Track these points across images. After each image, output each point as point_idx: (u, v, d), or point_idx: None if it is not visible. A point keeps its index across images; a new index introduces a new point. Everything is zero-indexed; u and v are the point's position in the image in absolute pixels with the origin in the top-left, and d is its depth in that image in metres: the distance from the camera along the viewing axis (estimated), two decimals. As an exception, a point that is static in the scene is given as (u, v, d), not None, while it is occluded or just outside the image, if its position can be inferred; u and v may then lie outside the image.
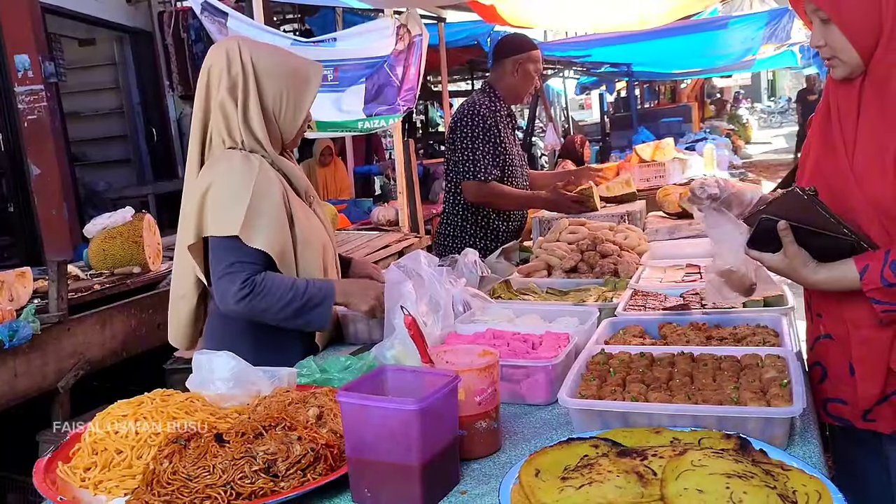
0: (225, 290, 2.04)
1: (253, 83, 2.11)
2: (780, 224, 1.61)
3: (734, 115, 21.69)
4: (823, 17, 1.63)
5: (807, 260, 1.63)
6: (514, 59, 3.59)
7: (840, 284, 1.62)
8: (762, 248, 1.69)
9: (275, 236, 2.07)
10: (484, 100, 3.60)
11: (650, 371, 1.66)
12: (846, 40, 1.61)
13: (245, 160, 2.09)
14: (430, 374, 1.45)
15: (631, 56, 9.84)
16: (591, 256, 2.70)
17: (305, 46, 5.49)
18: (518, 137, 3.91)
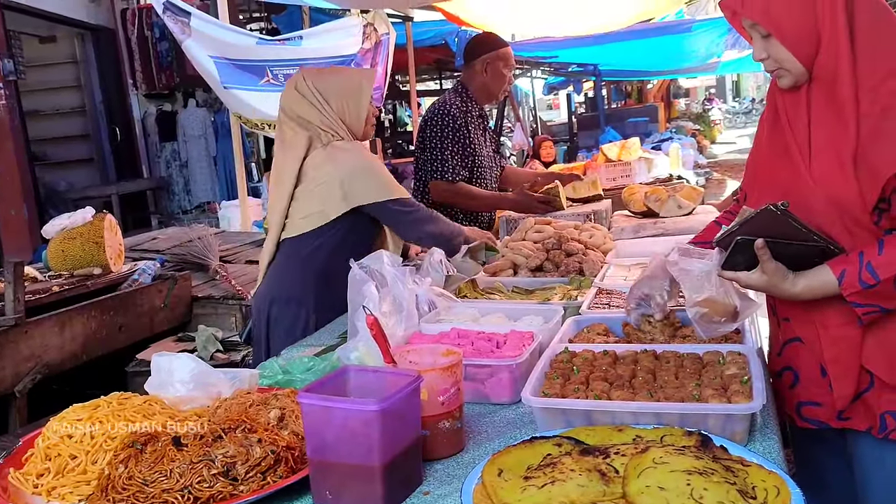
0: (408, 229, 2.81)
1: (321, 101, 2.73)
2: (757, 243, 1.60)
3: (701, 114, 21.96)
4: (763, 32, 1.65)
5: (786, 273, 1.63)
6: (483, 59, 3.58)
7: (820, 292, 1.62)
8: (737, 268, 1.68)
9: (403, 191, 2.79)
10: (455, 100, 3.59)
11: (613, 369, 1.67)
12: (788, 52, 1.63)
13: (353, 146, 2.75)
14: (392, 375, 1.44)
15: (598, 57, 9.91)
16: (557, 255, 2.71)
17: (271, 45, 5.45)
18: (493, 139, 3.88)
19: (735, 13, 1.71)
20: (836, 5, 1.57)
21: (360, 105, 2.76)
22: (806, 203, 1.66)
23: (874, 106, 1.56)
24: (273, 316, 2.75)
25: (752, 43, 1.72)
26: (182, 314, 4.22)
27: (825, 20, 1.58)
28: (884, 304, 1.57)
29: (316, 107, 2.72)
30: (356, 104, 2.75)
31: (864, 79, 1.58)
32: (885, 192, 1.58)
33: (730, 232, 1.65)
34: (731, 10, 1.71)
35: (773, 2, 1.61)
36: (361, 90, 2.77)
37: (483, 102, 3.68)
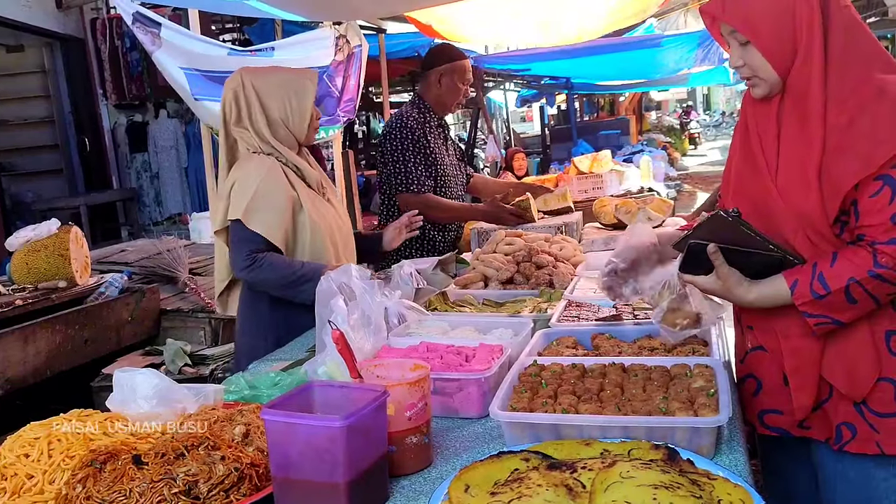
0: (234, 261, 2.57)
1: (257, 103, 2.60)
2: (709, 247, 1.63)
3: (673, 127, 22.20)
4: (742, 39, 1.67)
5: (740, 279, 1.66)
6: (438, 70, 3.57)
7: (773, 300, 1.65)
8: (694, 272, 1.71)
9: (273, 223, 2.52)
10: (412, 111, 3.58)
11: (581, 382, 1.67)
12: (765, 60, 1.65)
13: (258, 162, 2.58)
14: (358, 390, 1.43)
15: (570, 70, 9.99)
16: (527, 268, 2.71)
17: (242, 56, 5.40)
18: (456, 148, 3.88)
19: (715, 18, 1.72)
20: (813, 19, 1.60)
21: (304, 107, 2.62)
22: (772, 213, 1.68)
23: (841, 118, 1.59)
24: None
25: (730, 50, 1.74)
26: (150, 327, 4.16)
27: (802, 32, 1.61)
28: (835, 315, 1.59)
29: (252, 108, 2.60)
30: (299, 105, 2.62)
31: (833, 92, 1.60)
32: (846, 204, 1.60)
33: (685, 236, 1.68)
34: (711, 15, 1.73)
35: (753, 10, 1.63)
36: (305, 91, 2.63)
37: (440, 113, 3.67)
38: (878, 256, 1.54)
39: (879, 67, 1.62)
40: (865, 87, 1.59)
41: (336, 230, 2.73)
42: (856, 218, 1.59)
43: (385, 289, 2.23)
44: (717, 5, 1.69)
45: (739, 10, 1.65)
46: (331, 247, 2.67)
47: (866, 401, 1.66)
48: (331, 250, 2.66)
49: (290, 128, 2.63)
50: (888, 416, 1.65)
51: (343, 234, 2.78)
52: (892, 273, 1.54)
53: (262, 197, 2.51)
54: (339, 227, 2.76)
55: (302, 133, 2.66)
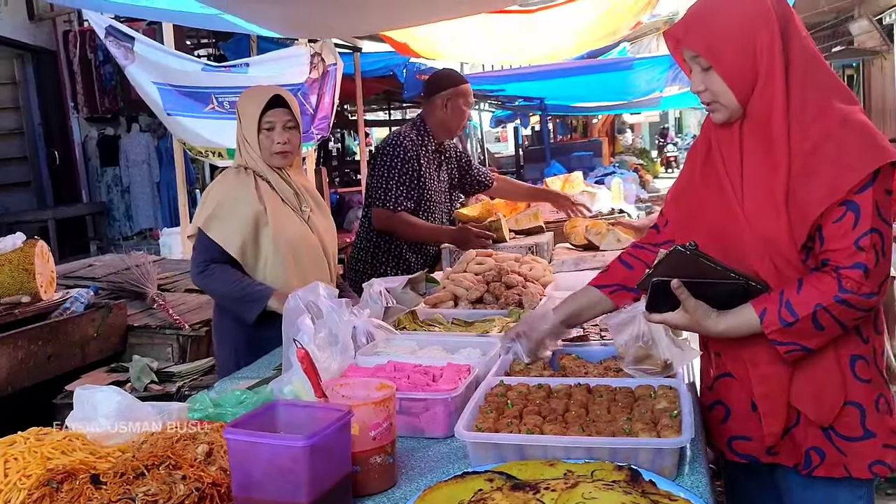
0: (191, 266, 2.67)
1: (238, 120, 2.69)
2: (673, 283, 1.63)
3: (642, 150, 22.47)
4: (704, 64, 1.69)
5: (707, 311, 1.66)
6: (444, 95, 3.61)
7: (743, 330, 1.65)
8: (661, 309, 1.70)
9: (231, 233, 2.57)
10: (411, 133, 3.61)
11: (547, 403, 1.68)
12: (726, 86, 1.67)
13: (228, 175, 2.69)
14: (322, 409, 1.42)
15: (544, 91, 10.10)
16: (497, 287, 2.73)
17: (216, 72, 5.40)
18: (452, 175, 3.88)
19: (678, 43, 1.75)
20: (773, 46, 1.62)
21: (247, 128, 2.64)
22: (736, 238, 1.69)
23: (805, 144, 1.61)
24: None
25: (692, 75, 1.75)
26: (116, 344, 4.09)
27: (763, 59, 1.63)
28: (804, 342, 1.61)
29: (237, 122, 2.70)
30: (245, 127, 2.65)
31: (796, 117, 1.63)
32: (812, 230, 1.62)
33: (647, 274, 1.68)
34: (675, 39, 1.75)
35: (715, 36, 1.66)
36: (245, 113, 2.65)
37: (441, 138, 3.70)
38: (842, 281, 1.56)
39: (838, 98, 1.65)
40: (828, 114, 1.61)
41: (304, 248, 2.71)
42: (820, 243, 1.61)
43: (354, 307, 2.22)
44: (680, 30, 1.72)
45: (702, 35, 1.68)
46: (293, 265, 2.65)
47: (833, 425, 1.68)
48: (292, 268, 2.65)
49: (250, 144, 2.65)
50: (855, 439, 1.68)
51: (312, 252, 2.75)
52: (857, 298, 1.56)
53: (223, 207, 2.59)
54: (309, 245, 2.74)
55: (257, 152, 2.66)
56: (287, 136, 2.66)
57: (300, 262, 2.68)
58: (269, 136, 2.64)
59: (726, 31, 1.65)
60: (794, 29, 1.66)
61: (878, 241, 1.57)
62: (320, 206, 2.86)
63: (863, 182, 1.56)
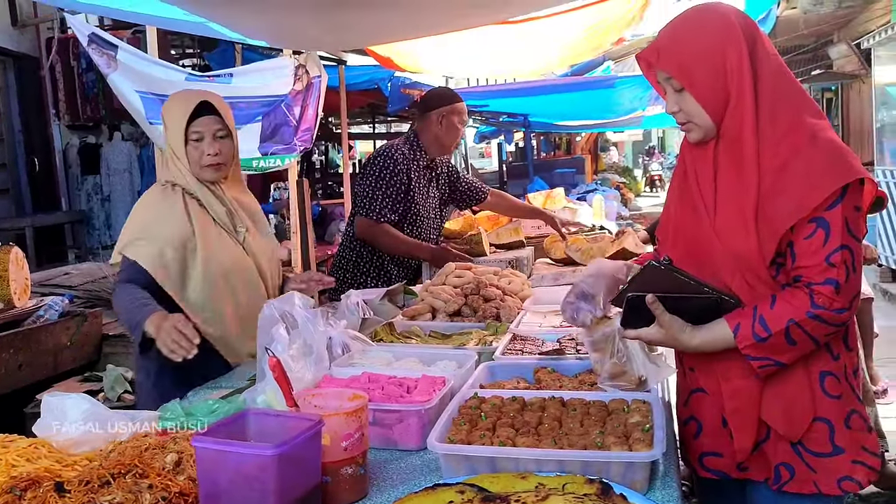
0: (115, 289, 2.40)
1: (165, 131, 2.46)
2: (648, 298, 1.65)
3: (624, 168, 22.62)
4: (677, 86, 1.72)
5: (682, 326, 1.67)
6: (439, 112, 3.63)
7: (717, 345, 1.66)
8: (636, 324, 1.71)
9: (155, 257, 2.32)
10: (403, 147, 3.62)
11: (521, 415, 1.67)
12: (699, 106, 1.70)
13: (152, 194, 2.46)
14: (294, 419, 1.41)
15: (527, 108, 10.15)
16: (475, 300, 2.73)
17: (200, 81, 5.37)
18: (443, 191, 3.89)
19: (651, 65, 1.77)
20: (742, 67, 1.65)
21: (173, 135, 2.39)
22: (710, 255, 1.71)
23: (774, 161, 1.63)
24: None
25: (665, 97, 1.78)
26: (90, 353, 4.05)
27: (733, 80, 1.65)
28: (777, 357, 1.62)
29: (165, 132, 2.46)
30: (172, 135, 2.40)
31: (766, 136, 1.65)
32: (782, 246, 1.64)
33: (622, 290, 1.69)
34: (647, 62, 1.78)
35: (687, 58, 1.68)
36: (172, 118, 2.40)
37: (434, 154, 3.71)
38: (814, 297, 1.58)
39: (807, 113, 1.68)
40: (797, 131, 1.64)
41: (238, 273, 2.47)
42: (792, 259, 1.63)
43: (331, 318, 2.21)
44: (653, 53, 1.75)
45: (674, 57, 1.70)
46: (225, 292, 2.43)
47: (803, 441, 1.69)
48: (224, 296, 2.43)
49: (178, 156, 2.42)
50: (824, 455, 1.69)
51: (247, 277, 2.50)
52: (829, 313, 1.58)
53: (146, 230, 2.36)
54: (243, 270, 2.49)
55: (185, 166, 2.42)
56: (218, 146, 2.40)
57: (233, 289, 2.45)
58: (198, 147, 2.39)
59: (696, 53, 1.68)
60: (761, 47, 1.69)
61: (848, 258, 1.59)
62: (259, 225, 2.60)
63: (831, 199, 1.59)
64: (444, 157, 3.86)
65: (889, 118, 9.36)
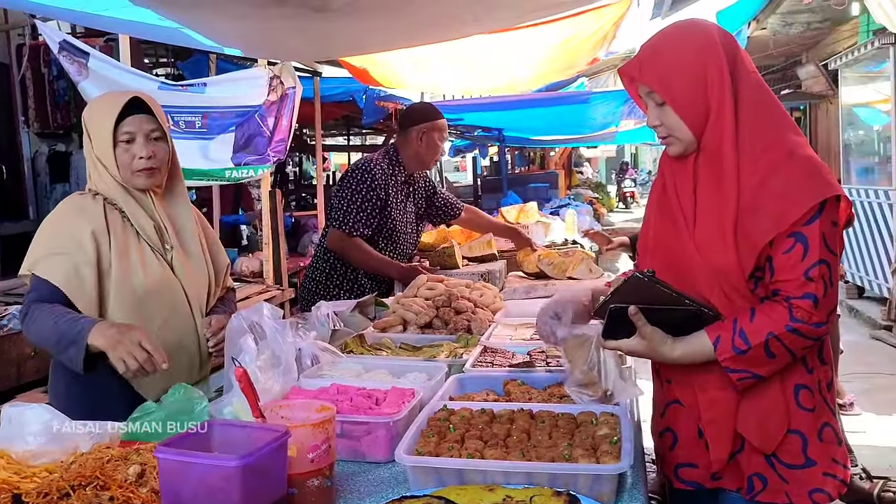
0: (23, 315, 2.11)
1: (87, 136, 2.19)
2: (630, 309, 1.65)
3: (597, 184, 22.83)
4: (658, 99, 1.74)
5: (664, 338, 1.68)
6: (420, 128, 3.63)
7: (697, 357, 1.67)
8: (617, 335, 1.72)
9: (68, 272, 2.06)
10: (382, 162, 3.61)
11: (489, 428, 1.67)
12: (680, 120, 1.72)
13: (69, 205, 2.20)
14: (260, 430, 1.40)
15: (502, 122, 10.21)
16: (446, 313, 2.73)
17: (174, 91, 5.35)
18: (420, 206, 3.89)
19: (633, 80, 1.79)
20: (723, 81, 1.68)
21: (103, 137, 2.11)
22: (689, 268, 1.72)
23: (754, 177, 1.66)
24: None
25: (647, 111, 1.80)
26: (56, 364, 3.97)
27: (714, 94, 1.68)
28: (755, 369, 1.64)
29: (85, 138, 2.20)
30: (100, 137, 2.11)
31: (745, 151, 1.67)
32: (761, 260, 1.66)
33: (604, 301, 1.70)
34: (629, 76, 1.80)
35: (668, 72, 1.71)
36: (102, 117, 2.12)
37: (413, 170, 3.71)
38: (793, 311, 1.60)
39: (787, 129, 1.71)
40: (776, 147, 1.67)
41: (160, 295, 2.17)
42: (771, 274, 1.65)
43: (301, 329, 2.20)
44: (635, 67, 1.77)
45: (655, 72, 1.73)
46: (142, 313, 2.13)
47: (776, 453, 1.70)
48: (141, 317, 2.12)
49: (104, 164, 2.15)
50: (796, 467, 1.70)
51: (170, 300, 2.19)
52: (807, 327, 1.60)
53: (58, 242, 2.10)
54: (166, 291, 2.19)
55: (113, 172, 2.14)
56: (152, 148, 2.13)
57: (152, 314, 2.15)
58: (129, 149, 2.12)
59: (678, 68, 1.70)
60: (741, 64, 1.71)
61: (826, 272, 1.61)
62: (190, 243, 2.29)
63: (809, 214, 1.61)
64: (421, 173, 3.87)
65: (855, 138, 9.56)
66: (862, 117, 9.43)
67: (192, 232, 2.30)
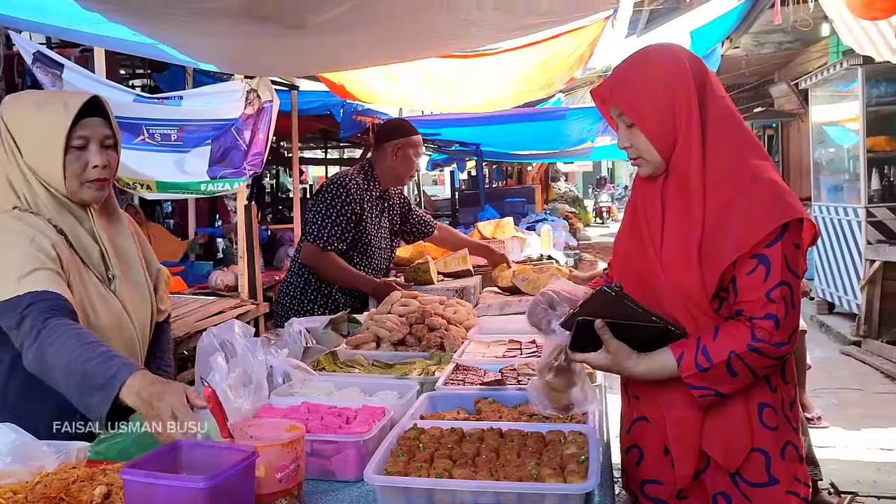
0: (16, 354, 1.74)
1: (11, 143, 1.87)
2: (596, 323, 1.68)
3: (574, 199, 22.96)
4: (628, 122, 1.78)
5: (629, 353, 1.71)
6: (395, 144, 3.65)
7: (661, 373, 1.70)
8: (584, 348, 1.75)
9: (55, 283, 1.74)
10: (357, 176, 3.62)
11: (459, 447, 1.68)
12: (648, 142, 1.76)
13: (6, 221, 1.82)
14: (228, 450, 1.39)
15: (480, 137, 10.27)
16: (419, 329, 2.73)
17: (149, 103, 5.32)
18: (395, 222, 3.90)
19: (604, 101, 1.84)
20: (691, 106, 1.72)
21: (52, 147, 1.83)
22: (656, 288, 1.76)
23: (719, 200, 1.69)
24: None
25: (618, 131, 1.84)
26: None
27: (682, 118, 1.72)
28: (718, 387, 1.67)
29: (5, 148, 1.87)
30: (48, 145, 1.83)
31: (712, 175, 1.71)
32: (725, 281, 1.69)
33: (572, 314, 1.72)
34: (601, 97, 1.84)
35: (638, 95, 1.74)
36: (56, 123, 1.83)
37: (388, 185, 3.73)
38: (755, 331, 1.63)
39: (753, 154, 1.75)
40: (741, 171, 1.70)
41: (112, 332, 1.92)
42: (734, 294, 1.68)
43: (272, 346, 2.20)
44: (607, 89, 1.81)
45: (626, 94, 1.77)
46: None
47: (740, 471, 1.73)
48: None
49: (41, 177, 1.86)
50: (760, 485, 1.73)
51: (118, 341, 1.92)
52: (768, 347, 1.63)
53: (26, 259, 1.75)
54: (118, 327, 1.95)
55: (58, 184, 1.86)
56: (106, 157, 1.90)
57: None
58: (81, 157, 1.86)
59: (647, 91, 1.74)
60: (710, 89, 1.76)
61: (787, 293, 1.65)
62: (133, 268, 2.04)
63: (772, 236, 1.65)
64: (397, 188, 3.88)
65: (825, 156, 9.72)
66: (832, 136, 9.60)
67: (134, 254, 2.06)
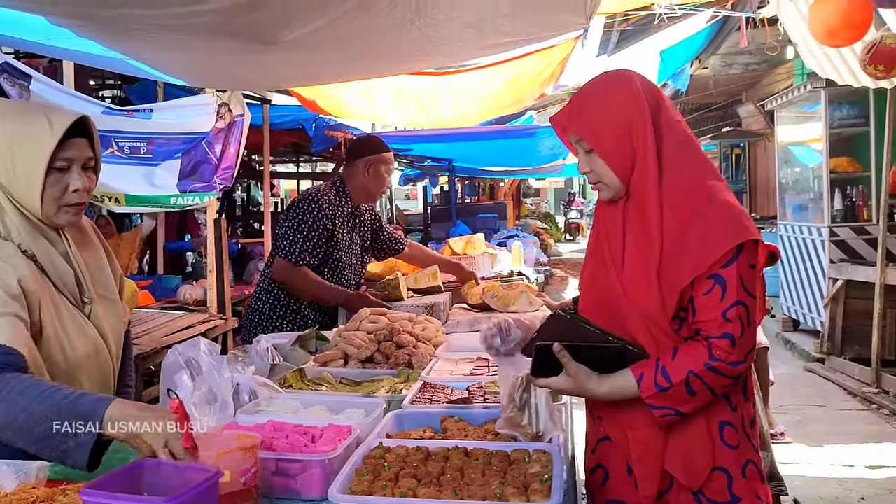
0: None
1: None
2: (554, 347, 1.70)
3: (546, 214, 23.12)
4: (587, 147, 1.82)
5: (590, 374, 1.73)
6: (367, 160, 3.66)
7: (623, 393, 1.73)
8: (546, 373, 1.76)
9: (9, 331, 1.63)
10: (329, 192, 3.62)
11: (424, 466, 1.69)
12: (607, 167, 1.80)
13: None
14: (191, 469, 1.39)
15: (452, 153, 10.31)
16: (387, 347, 2.74)
17: (118, 115, 5.28)
18: (366, 238, 3.90)
19: (564, 128, 1.88)
20: (647, 130, 1.76)
21: (31, 168, 1.73)
22: (618, 309, 1.79)
23: (676, 221, 1.73)
24: None
25: (578, 157, 1.88)
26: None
27: (639, 142, 1.76)
28: (678, 406, 1.69)
29: None
30: (25, 166, 1.73)
31: (669, 198, 1.75)
32: (683, 301, 1.73)
33: (531, 340, 1.74)
34: (561, 125, 1.88)
35: (596, 121, 1.78)
36: (36, 143, 1.73)
37: (359, 201, 3.74)
38: (712, 350, 1.67)
39: (709, 175, 1.80)
40: (698, 193, 1.75)
41: (85, 361, 1.85)
42: (693, 314, 1.72)
43: (240, 363, 2.19)
44: (565, 116, 1.85)
45: (583, 121, 1.81)
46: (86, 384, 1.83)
47: (703, 490, 1.75)
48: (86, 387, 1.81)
49: (14, 199, 1.76)
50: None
51: (95, 371, 1.88)
52: (725, 366, 1.66)
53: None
54: (94, 354, 1.88)
55: (33, 206, 1.76)
56: (87, 180, 1.82)
57: (78, 379, 1.82)
58: (62, 179, 1.78)
59: (603, 118, 1.78)
60: (665, 114, 1.80)
61: (743, 313, 1.68)
62: (107, 287, 1.98)
63: (727, 257, 1.69)
64: (368, 205, 3.89)
65: (790, 175, 9.91)
66: (797, 156, 9.79)
67: (108, 272, 2.00)
